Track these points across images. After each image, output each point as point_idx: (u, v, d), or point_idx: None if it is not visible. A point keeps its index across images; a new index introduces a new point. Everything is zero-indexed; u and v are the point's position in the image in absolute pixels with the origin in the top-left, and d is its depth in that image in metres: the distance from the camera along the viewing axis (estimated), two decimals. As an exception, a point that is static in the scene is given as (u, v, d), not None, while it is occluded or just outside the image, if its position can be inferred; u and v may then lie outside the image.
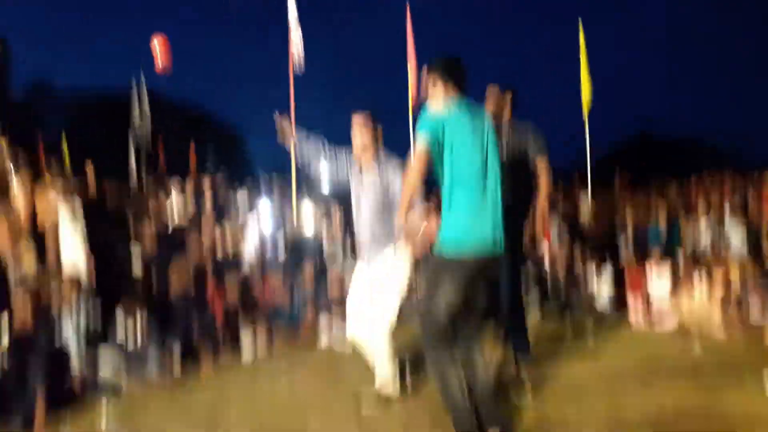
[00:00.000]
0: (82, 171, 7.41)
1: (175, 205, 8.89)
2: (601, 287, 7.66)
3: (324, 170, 4.80)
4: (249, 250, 7.83)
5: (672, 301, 7.05)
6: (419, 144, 3.28)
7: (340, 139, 4.59)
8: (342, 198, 9.82)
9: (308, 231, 8.95)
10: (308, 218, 9.10)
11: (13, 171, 5.94)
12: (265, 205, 9.15)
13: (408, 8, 11.47)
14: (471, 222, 3.29)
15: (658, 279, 7.35)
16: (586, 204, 10.81)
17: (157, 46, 7.07)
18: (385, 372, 4.38)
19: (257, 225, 8.14)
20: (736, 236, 8.30)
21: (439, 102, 3.41)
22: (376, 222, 4.33)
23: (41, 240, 5.67)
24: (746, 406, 3.88)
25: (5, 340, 4.63)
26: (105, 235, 6.29)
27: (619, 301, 7.55)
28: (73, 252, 5.76)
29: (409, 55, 11.02)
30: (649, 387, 4.38)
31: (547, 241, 8.57)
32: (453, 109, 3.37)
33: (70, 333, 5.08)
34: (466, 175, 3.30)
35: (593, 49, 13.10)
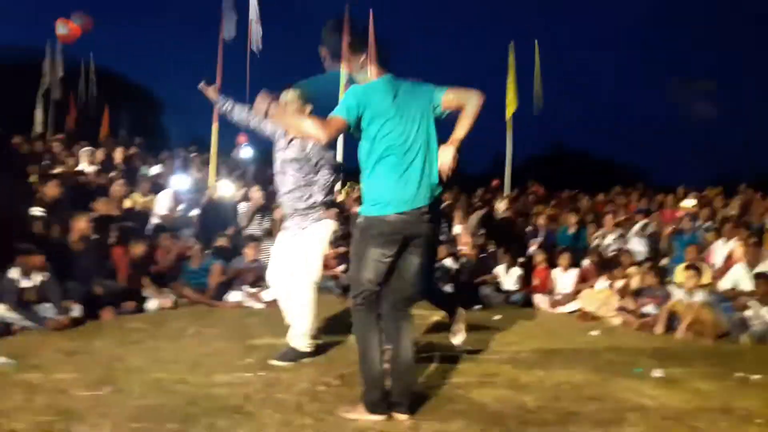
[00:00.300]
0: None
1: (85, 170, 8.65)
2: (510, 277, 7.93)
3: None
4: (160, 210, 7.60)
5: (574, 289, 7.42)
6: (337, 112, 3.24)
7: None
8: (263, 178, 9.74)
9: (226, 199, 8.83)
10: (226, 189, 8.94)
11: None
12: (180, 177, 8.91)
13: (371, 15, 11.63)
14: (394, 182, 3.25)
15: (563, 273, 7.69)
16: (501, 205, 11.13)
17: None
18: (301, 327, 4.40)
19: (171, 192, 7.91)
20: (638, 248, 8.78)
21: (365, 78, 3.40)
22: (298, 196, 4.40)
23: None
24: (633, 391, 4.08)
25: None
26: (5, 188, 5.99)
27: (526, 291, 7.83)
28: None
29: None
30: (549, 369, 4.55)
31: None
32: (377, 84, 3.33)
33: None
34: (389, 149, 3.27)
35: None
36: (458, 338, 4.36)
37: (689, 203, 10.60)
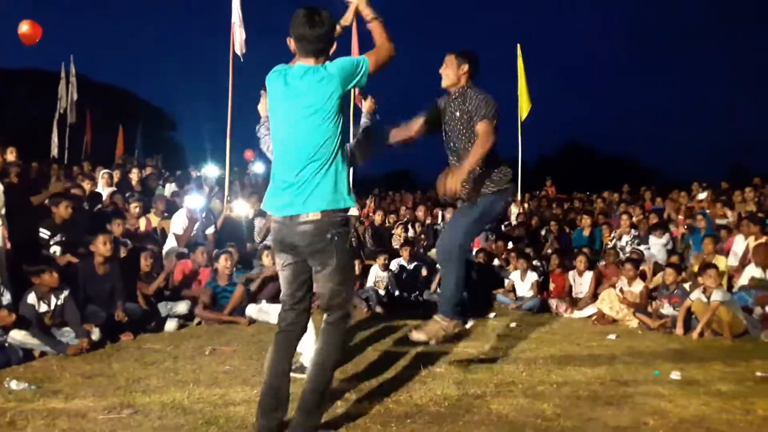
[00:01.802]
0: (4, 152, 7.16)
1: (103, 192, 8.75)
2: (525, 284, 7.90)
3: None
4: (175, 230, 7.66)
5: (591, 292, 7.41)
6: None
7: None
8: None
9: (241, 216, 8.92)
10: (242, 209, 9.03)
11: None
12: (194, 196, 8.98)
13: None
14: (272, 183, 3.09)
15: (579, 275, 7.67)
16: (514, 208, 11.11)
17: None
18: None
19: (185, 211, 7.94)
20: (654, 247, 8.71)
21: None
22: None
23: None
24: (652, 394, 4.07)
25: None
26: (24, 214, 6.06)
27: (542, 296, 7.80)
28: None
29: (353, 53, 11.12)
30: (566, 375, 4.54)
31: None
32: (282, 71, 3.05)
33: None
34: (274, 150, 3.09)
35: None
36: (418, 336, 4.08)
37: (702, 196, 10.59)
